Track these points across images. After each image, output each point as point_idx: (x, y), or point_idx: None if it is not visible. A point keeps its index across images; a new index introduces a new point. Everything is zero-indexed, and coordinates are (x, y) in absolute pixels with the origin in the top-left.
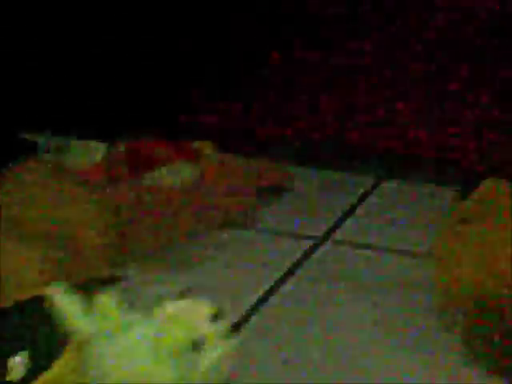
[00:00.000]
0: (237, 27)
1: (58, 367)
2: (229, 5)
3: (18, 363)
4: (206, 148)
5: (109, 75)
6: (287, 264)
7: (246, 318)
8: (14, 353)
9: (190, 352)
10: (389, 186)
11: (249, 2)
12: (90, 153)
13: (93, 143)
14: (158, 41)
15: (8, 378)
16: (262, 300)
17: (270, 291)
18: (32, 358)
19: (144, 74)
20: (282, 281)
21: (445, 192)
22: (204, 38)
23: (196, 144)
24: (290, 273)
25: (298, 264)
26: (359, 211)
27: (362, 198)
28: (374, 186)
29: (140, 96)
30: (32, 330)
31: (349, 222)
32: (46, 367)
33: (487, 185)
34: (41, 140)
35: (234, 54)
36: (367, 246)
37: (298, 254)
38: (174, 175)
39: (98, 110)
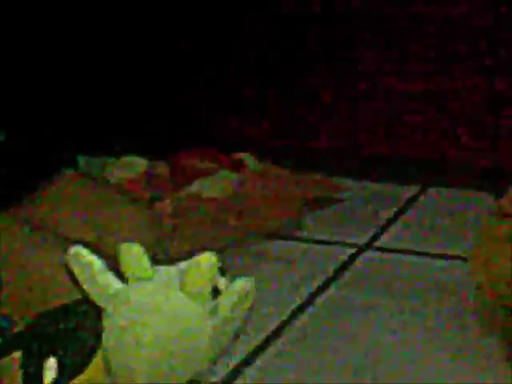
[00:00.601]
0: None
1: (89, 371)
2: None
3: (50, 367)
4: (248, 159)
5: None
6: (329, 270)
7: (288, 323)
8: (46, 356)
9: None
10: (432, 193)
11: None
12: (131, 167)
13: (134, 158)
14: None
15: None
16: (304, 305)
17: (313, 297)
18: (64, 361)
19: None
20: (324, 287)
21: (489, 197)
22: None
23: (237, 155)
24: (333, 279)
25: (340, 270)
26: (402, 219)
27: (406, 207)
28: (418, 195)
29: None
30: (64, 335)
31: (392, 229)
32: (77, 371)
33: None
34: (80, 157)
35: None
36: (410, 252)
37: (341, 261)
38: (216, 186)
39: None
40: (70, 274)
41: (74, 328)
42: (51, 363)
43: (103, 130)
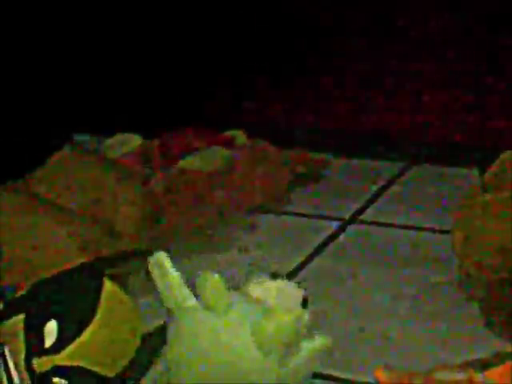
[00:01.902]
0: None
1: (87, 335)
2: None
3: (51, 330)
4: (239, 136)
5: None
6: (315, 242)
7: None
8: (47, 321)
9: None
10: (416, 170)
11: None
12: (126, 144)
13: (128, 135)
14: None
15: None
16: (292, 274)
17: (299, 267)
18: (64, 325)
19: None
20: (310, 258)
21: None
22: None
23: (229, 132)
24: (318, 250)
25: (325, 242)
26: (387, 194)
27: (391, 182)
28: (402, 172)
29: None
30: (65, 298)
31: (377, 204)
32: (77, 334)
33: (504, 157)
34: (76, 135)
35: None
36: (394, 226)
37: (326, 234)
38: (207, 161)
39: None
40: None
41: (75, 292)
42: (52, 326)
43: (98, 109)
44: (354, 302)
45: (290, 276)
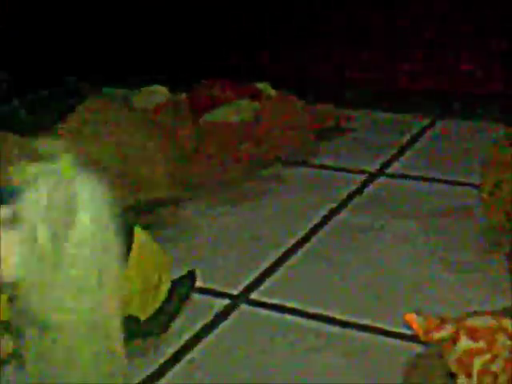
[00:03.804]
0: None
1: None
2: None
3: None
4: (266, 88)
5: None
6: (342, 195)
7: (301, 244)
8: None
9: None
10: (442, 124)
11: None
12: (154, 96)
13: (157, 87)
14: None
15: None
16: (318, 226)
17: (326, 218)
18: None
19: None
20: (336, 210)
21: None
22: None
23: (256, 85)
24: (345, 203)
25: (352, 195)
26: (413, 148)
27: (417, 136)
28: (428, 126)
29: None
30: None
31: (403, 157)
32: None
33: None
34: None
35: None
36: (420, 179)
37: (353, 187)
38: (235, 113)
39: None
40: None
41: None
42: None
43: (127, 62)
44: (381, 253)
45: (317, 228)
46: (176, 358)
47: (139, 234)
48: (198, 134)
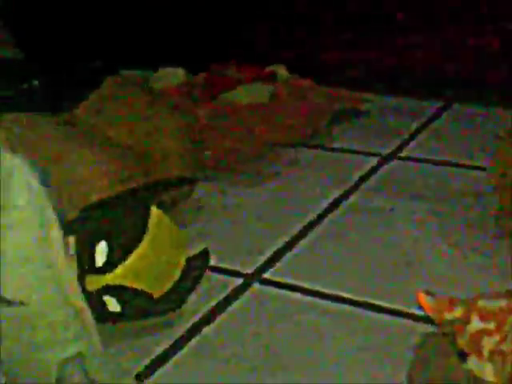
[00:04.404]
0: None
1: (135, 257)
2: None
3: (100, 252)
4: (281, 71)
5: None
6: (355, 177)
7: (314, 224)
8: (97, 242)
9: None
10: (454, 109)
11: None
12: (171, 77)
13: (174, 68)
14: None
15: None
16: (331, 207)
17: (339, 200)
18: (113, 247)
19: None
20: (349, 191)
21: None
22: None
23: (271, 67)
24: (358, 185)
25: (364, 177)
26: (426, 132)
27: (430, 120)
28: (441, 110)
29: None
30: (113, 223)
31: (416, 141)
32: (125, 256)
33: None
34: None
35: None
36: (432, 162)
37: (366, 169)
38: (250, 95)
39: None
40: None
41: (124, 216)
42: (102, 247)
43: (143, 44)
44: (393, 235)
45: (330, 209)
46: (188, 335)
47: (155, 213)
48: (214, 114)
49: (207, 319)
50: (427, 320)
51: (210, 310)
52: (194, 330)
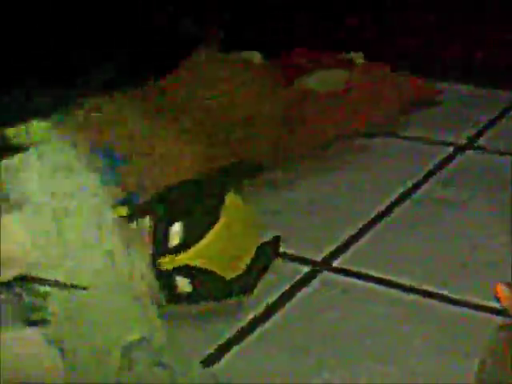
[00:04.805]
0: None
1: (209, 239)
2: None
3: (175, 232)
4: (357, 58)
5: None
6: (428, 166)
7: (385, 214)
8: (172, 223)
9: None
10: None
11: None
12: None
13: (250, 52)
14: None
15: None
16: (403, 198)
17: (411, 190)
18: (188, 228)
19: None
20: (422, 181)
21: None
22: None
23: (347, 54)
24: (431, 174)
25: (438, 167)
26: (501, 122)
27: (505, 110)
28: None
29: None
30: (188, 205)
31: (491, 131)
32: (199, 238)
33: None
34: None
35: None
36: (506, 153)
37: (440, 159)
38: (325, 82)
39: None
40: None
41: (199, 198)
42: (177, 228)
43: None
44: (466, 226)
45: (401, 199)
46: (255, 322)
47: (231, 197)
48: (288, 101)
49: (275, 306)
50: (503, 313)
51: (278, 297)
52: (262, 316)
